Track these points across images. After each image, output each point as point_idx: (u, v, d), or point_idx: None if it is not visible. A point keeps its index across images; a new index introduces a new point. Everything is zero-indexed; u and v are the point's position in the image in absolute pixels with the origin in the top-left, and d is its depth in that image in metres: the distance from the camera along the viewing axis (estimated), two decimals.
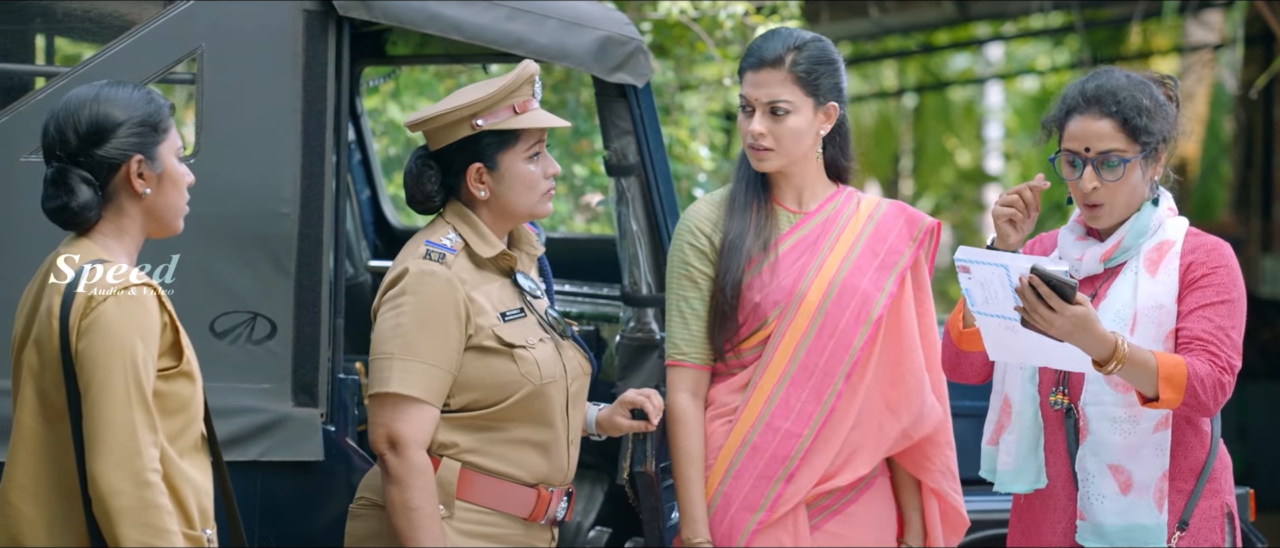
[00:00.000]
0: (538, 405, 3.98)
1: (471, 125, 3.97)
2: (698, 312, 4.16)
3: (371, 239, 6.27)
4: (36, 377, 3.36)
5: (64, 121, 3.42)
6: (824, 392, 4.11)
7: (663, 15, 8.43)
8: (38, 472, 3.35)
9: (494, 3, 4.67)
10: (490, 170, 4.00)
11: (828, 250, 4.18)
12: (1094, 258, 4.04)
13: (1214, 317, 3.91)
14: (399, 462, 3.85)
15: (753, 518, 4.09)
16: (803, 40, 4.17)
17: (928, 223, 4.26)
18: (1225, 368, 3.88)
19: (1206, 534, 3.97)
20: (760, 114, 4.14)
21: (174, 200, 3.49)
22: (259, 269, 4.45)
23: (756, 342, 4.15)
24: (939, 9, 14.80)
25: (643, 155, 4.88)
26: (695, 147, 8.83)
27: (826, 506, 4.15)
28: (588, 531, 5.21)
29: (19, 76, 5.03)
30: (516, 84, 3.98)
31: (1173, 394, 3.82)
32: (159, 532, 3.25)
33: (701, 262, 4.17)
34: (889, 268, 4.18)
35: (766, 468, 4.10)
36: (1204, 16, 15.87)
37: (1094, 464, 3.96)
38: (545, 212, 4.08)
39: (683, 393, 4.16)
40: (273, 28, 4.50)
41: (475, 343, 3.93)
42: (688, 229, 4.21)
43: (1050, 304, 3.69)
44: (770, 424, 4.11)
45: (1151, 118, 3.96)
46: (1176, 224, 4.04)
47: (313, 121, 4.50)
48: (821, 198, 4.23)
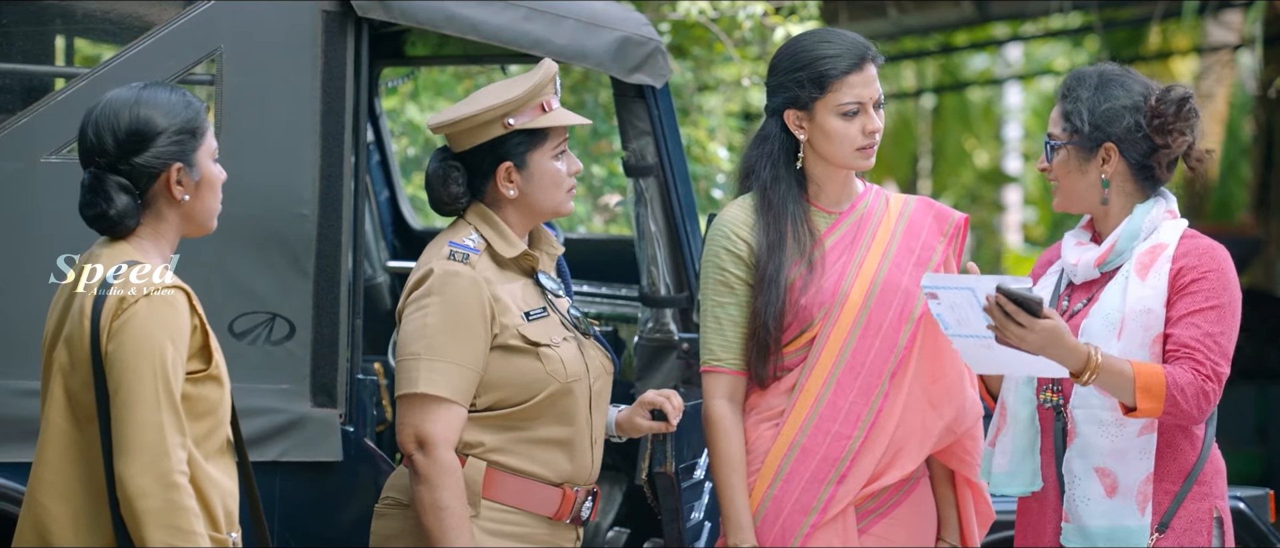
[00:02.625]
0: (563, 404, 3.98)
1: (504, 125, 3.97)
2: (734, 317, 4.12)
3: (390, 240, 6.28)
4: (66, 376, 3.37)
5: (103, 126, 3.39)
6: (871, 392, 4.09)
7: (681, 15, 8.43)
8: (66, 471, 3.36)
9: (512, 3, 4.68)
10: (519, 169, 4.01)
11: (865, 249, 4.15)
12: (1089, 262, 4.04)
13: (1202, 323, 3.90)
14: (428, 462, 3.85)
15: (806, 520, 4.07)
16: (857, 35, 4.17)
17: (956, 218, 4.25)
18: (1209, 376, 3.87)
19: (1192, 537, 3.96)
20: (876, 111, 4.11)
21: (211, 204, 3.49)
22: (278, 270, 4.46)
23: (801, 344, 4.12)
24: (958, 9, 14.79)
25: (661, 156, 4.88)
26: (714, 147, 8.83)
27: (873, 509, 4.13)
28: (606, 531, 5.22)
29: (39, 77, 5.04)
30: (545, 83, 3.99)
31: (1151, 404, 3.84)
32: (185, 534, 3.25)
33: (738, 267, 4.12)
34: (924, 265, 4.16)
35: (817, 470, 4.08)
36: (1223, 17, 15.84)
37: (1080, 467, 3.96)
38: (569, 209, 4.08)
39: (720, 399, 4.13)
40: (292, 29, 4.51)
41: (500, 342, 3.93)
42: (723, 234, 4.14)
43: (1019, 321, 3.75)
44: (819, 426, 4.08)
45: (1084, 109, 3.99)
46: (1172, 227, 4.02)
47: (332, 122, 4.50)
48: (854, 196, 4.21)
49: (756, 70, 8.66)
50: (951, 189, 22.27)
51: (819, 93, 4.08)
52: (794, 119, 4.10)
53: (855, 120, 4.08)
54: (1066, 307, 4.06)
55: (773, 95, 4.14)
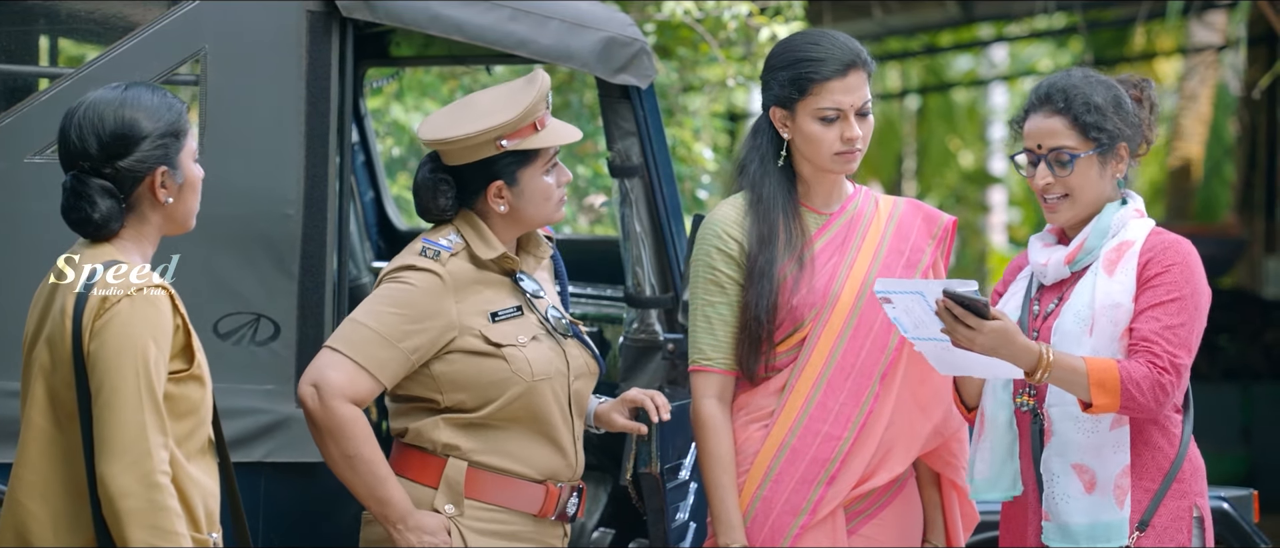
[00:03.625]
0: (534, 403, 3.98)
1: (497, 146, 3.97)
2: (724, 317, 4.12)
3: (375, 241, 6.27)
4: (48, 375, 3.36)
5: (86, 129, 3.37)
6: (861, 393, 4.09)
7: (666, 16, 8.43)
8: (46, 471, 3.35)
9: (497, 4, 4.67)
10: (510, 186, 4.00)
11: (855, 251, 4.15)
12: (1059, 262, 4.05)
13: (1161, 316, 3.91)
14: (324, 410, 3.83)
15: (795, 521, 4.07)
16: (851, 38, 4.15)
17: (945, 221, 4.25)
18: (1166, 368, 3.88)
19: (1172, 536, 3.97)
20: (855, 119, 4.09)
21: (192, 204, 3.49)
22: (262, 271, 4.46)
23: (792, 344, 4.11)
24: (942, 10, 14.81)
25: (646, 157, 4.88)
26: (699, 148, 8.84)
27: (862, 510, 4.14)
28: (591, 531, 5.21)
29: (23, 77, 5.03)
30: (538, 102, 3.98)
31: (1107, 399, 3.85)
32: (167, 534, 3.25)
33: (729, 265, 4.12)
34: (914, 267, 4.17)
35: (807, 471, 4.08)
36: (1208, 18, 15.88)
37: (1059, 465, 3.97)
38: (559, 218, 4.08)
39: (709, 399, 4.13)
40: (276, 29, 4.51)
41: (460, 346, 3.93)
42: (715, 232, 4.13)
43: (967, 323, 3.77)
44: (809, 427, 4.08)
45: (1103, 115, 3.99)
46: (1141, 225, 4.04)
47: (316, 123, 4.50)
48: (844, 197, 4.21)
49: (741, 71, 8.67)
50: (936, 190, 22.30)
51: (799, 95, 4.07)
52: (779, 117, 4.10)
53: (834, 126, 4.07)
54: (1038, 310, 4.06)
55: (763, 91, 4.15)
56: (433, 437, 3.96)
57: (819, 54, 4.06)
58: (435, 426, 3.96)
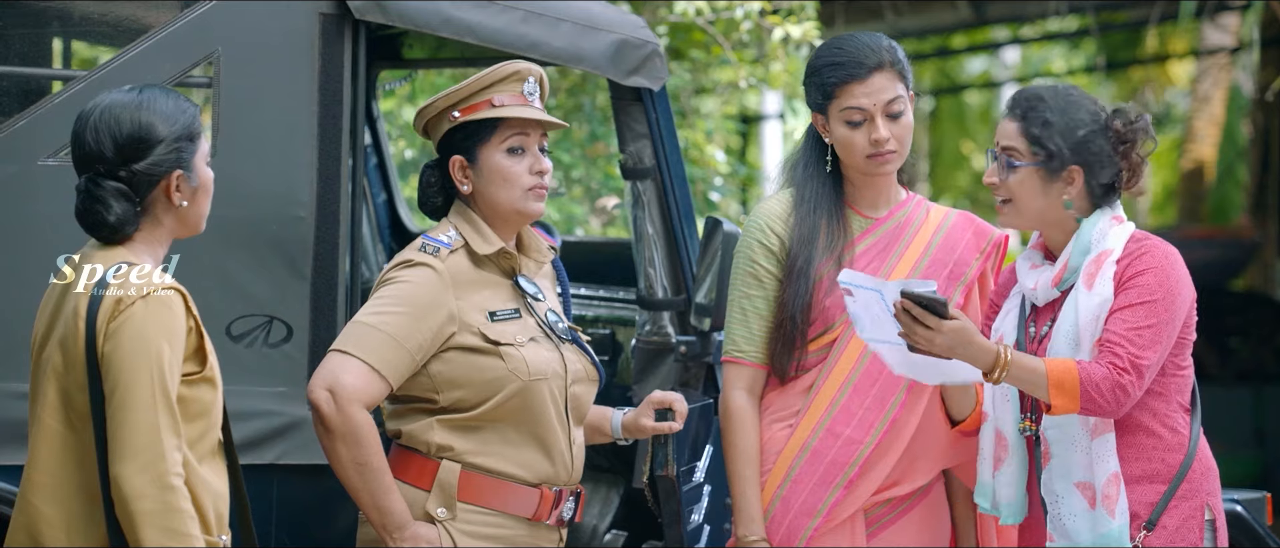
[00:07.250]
0: (530, 403, 3.97)
1: (449, 117, 3.99)
2: (760, 311, 4.13)
3: (387, 242, 6.28)
4: (60, 377, 3.36)
5: (102, 132, 3.37)
6: (887, 400, 4.08)
7: (679, 18, 8.43)
8: (58, 472, 3.35)
9: (510, 6, 4.68)
10: (470, 164, 4.02)
11: (897, 258, 4.15)
12: (1047, 284, 4.04)
13: (1130, 318, 3.91)
14: (340, 415, 3.82)
15: (810, 524, 4.06)
16: (884, 39, 4.15)
17: (996, 236, 4.24)
18: (1126, 369, 3.87)
19: (1183, 537, 3.96)
20: (882, 119, 4.11)
21: (204, 207, 3.49)
22: (275, 272, 4.46)
23: (822, 345, 4.11)
24: (954, 12, 14.80)
25: (658, 159, 4.88)
26: (711, 150, 8.83)
27: (882, 516, 4.13)
28: (603, 534, 5.21)
29: (36, 80, 5.04)
30: (493, 79, 4.00)
31: (1066, 400, 3.85)
32: (181, 536, 3.25)
33: (769, 260, 4.13)
34: (957, 279, 4.16)
35: (825, 474, 4.07)
36: (1220, 20, 15.85)
37: (1062, 485, 3.97)
38: (533, 210, 4.04)
39: (739, 391, 4.13)
40: (289, 31, 4.51)
41: (458, 342, 3.93)
42: (758, 226, 4.15)
43: (926, 323, 3.77)
44: (831, 430, 4.08)
45: (1052, 132, 3.98)
46: (1119, 232, 4.02)
47: (329, 125, 4.50)
48: (894, 203, 4.22)
49: (753, 73, 8.66)
50: (949, 192, 22.27)
51: (826, 99, 4.11)
52: (819, 122, 4.16)
53: (861, 129, 4.09)
54: (1033, 332, 4.06)
55: (806, 97, 4.20)
56: (426, 439, 3.95)
57: (840, 58, 4.08)
58: (429, 427, 3.95)
